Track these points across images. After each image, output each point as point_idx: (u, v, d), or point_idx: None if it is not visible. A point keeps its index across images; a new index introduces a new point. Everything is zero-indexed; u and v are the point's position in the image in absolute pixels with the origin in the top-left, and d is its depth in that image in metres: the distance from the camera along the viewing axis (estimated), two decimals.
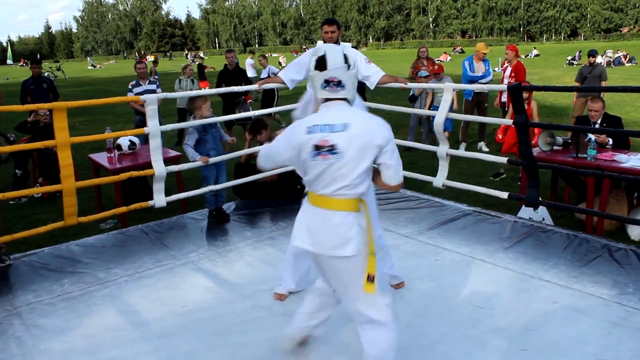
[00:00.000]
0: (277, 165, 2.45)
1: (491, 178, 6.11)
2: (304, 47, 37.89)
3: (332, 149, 2.06)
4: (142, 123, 7.09)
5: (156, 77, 15.21)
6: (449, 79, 6.09)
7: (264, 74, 9.14)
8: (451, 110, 4.85)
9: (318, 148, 2.07)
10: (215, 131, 4.74)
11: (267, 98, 9.98)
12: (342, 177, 2.08)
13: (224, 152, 4.88)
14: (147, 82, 7.31)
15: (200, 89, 9.99)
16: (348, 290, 2.22)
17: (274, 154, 2.34)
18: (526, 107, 6.30)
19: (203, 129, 4.61)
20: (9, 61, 61.89)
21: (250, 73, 15.57)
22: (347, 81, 2.15)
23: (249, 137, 5.35)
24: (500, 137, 6.41)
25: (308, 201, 2.20)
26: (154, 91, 7.10)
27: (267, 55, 15.62)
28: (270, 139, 5.30)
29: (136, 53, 34.88)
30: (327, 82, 2.15)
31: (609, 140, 4.76)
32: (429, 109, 7.64)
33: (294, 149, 2.17)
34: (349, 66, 2.16)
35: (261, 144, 5.29)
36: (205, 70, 16.63)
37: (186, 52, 66.21)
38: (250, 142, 5.39)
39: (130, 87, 7.30)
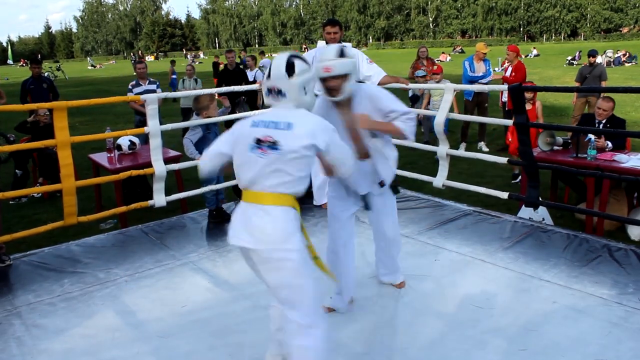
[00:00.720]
0: (213, 162, 2.40)
1: (512, 182, 6.11)
2: (304, 47, 37.86)
3: (273, 145, 2.10)
4: (142, 123, 7.09)
5: (174, 76, 15.38)
6: (448, 82, 6.11)
7: (250, 76, 8.86)
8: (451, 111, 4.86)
9: (259, 142, 2.12)
10: (218, 130, 4.76)
11: (252, 98, 9.91)
12: (281, 173, 2.11)
13: None
14: (147, 82, 7.31)
15: (202, 87, 9.98)
16: (282, 287, 2.18)
17: (213, 147, 2.38)
18: (530, 107, 6.32)
19: (206, 127, 4.62)
20: (9, 61, 61.93)
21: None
22: (288, 90, 2.18)
23: None
24: (510, 140, 6.41)
25: (243, 200, 2.20)
26: (154, 91, 7.10)
27: (268, 55, 15.72)
28: None
29: (132, 54, 34.87)
30: (270, 91, 2.22)
31: (607, 144, 4.75)
32: (425, 109, 7.65)
33: (234, 137, 2.25)
34: (291, 74, 2.18)
35: None
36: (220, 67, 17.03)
37: (185, 52, 66.27)
38: None
39: (130, 87, 7.30)
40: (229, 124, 8.33)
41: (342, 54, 2.63)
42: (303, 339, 2.18)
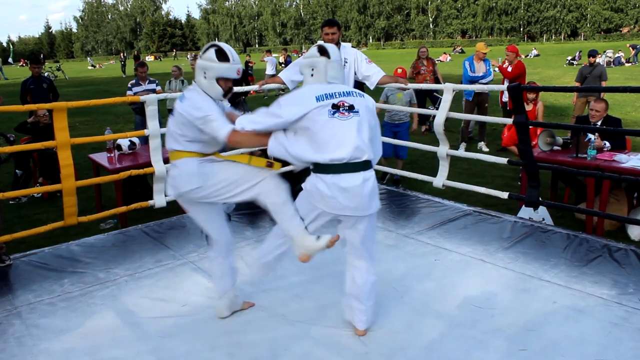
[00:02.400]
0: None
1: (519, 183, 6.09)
2: (301, 46, 37.78)
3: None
4: (143, 122, 7.11)
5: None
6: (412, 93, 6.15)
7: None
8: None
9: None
10: None
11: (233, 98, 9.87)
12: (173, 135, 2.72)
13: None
14: (147, 82, 7.31)
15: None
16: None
17: None
18: (531, 107, 6.32)
19: None
20: (9, 60, 61.90)
21: (269, 70, 16.10)
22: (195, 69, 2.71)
23: None
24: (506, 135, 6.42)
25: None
26: (153, 90, 7.10)
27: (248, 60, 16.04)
28: None
29: (122, 55, 34.61)
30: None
31: (605, 144, 4.75)
32: None
33: None
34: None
35: None
36: (251, 65, 17.61)
37: (175, 52, 66.28)
38: None
39: (129, 85, 7.30)
40: None
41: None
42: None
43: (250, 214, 4.92)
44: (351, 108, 2.49)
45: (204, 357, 2.71)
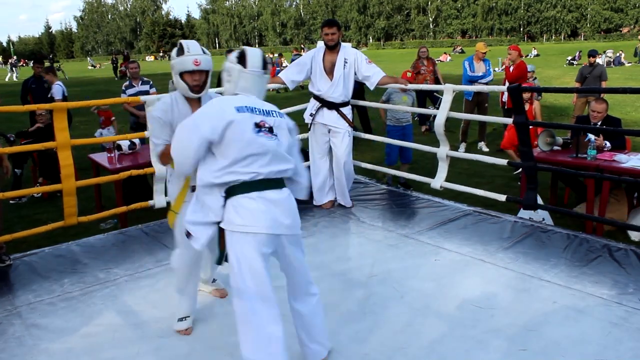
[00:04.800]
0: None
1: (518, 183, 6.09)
2: (302, 46, 37.63)
3: None
4: (137, 124, 7.10)
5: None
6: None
7: None
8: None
9: None
10: None
11: None
12: None
13: None
14: (140, 83, 7.23)
15: None
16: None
17: None
18: (528, 107, 6.31)
19: None
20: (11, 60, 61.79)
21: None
22: None
23: None
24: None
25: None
26: (147, 92, 7.02)
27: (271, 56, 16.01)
28: None
29: (113, 56, 34.43)
30: None
31: (605, 143, 4.75)
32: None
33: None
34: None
35: None
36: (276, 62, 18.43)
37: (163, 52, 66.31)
38: None
39: (123, 88, 7.22)
40: None
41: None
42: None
43: None
44: (271, 130, 2.26)
45: (204, 357, 2.72)
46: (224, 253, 2.29)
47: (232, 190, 2.21)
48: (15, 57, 42.55)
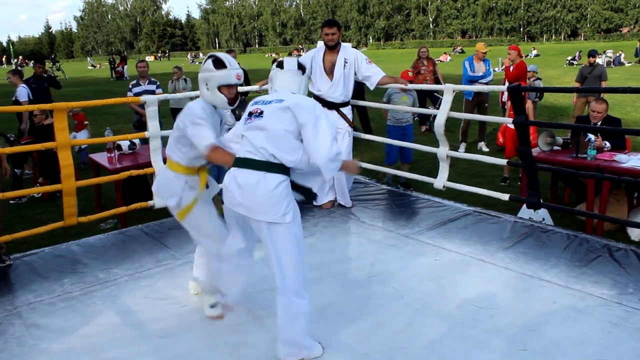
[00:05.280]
0: None
1: (501, 184, 6.08)
2: (300, 46, 37.57)
3: None
4: (141, 123, 7.12)
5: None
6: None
7: None
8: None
9: None
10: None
11: None
12: None
13: None
14: (146, 82, 7.32)
15: (192, 87, 9.94)
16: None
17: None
18: None
19: None
20: (12, 60, 61.85)
21: None
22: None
23: None
24: (501, 141, 6.40)
25: None
26: (153, 91, 7.09)
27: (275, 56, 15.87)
28: None
29: (111, 57, 34.28)
30: None
31: (605, 144, 4.75)
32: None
33: None
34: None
35: None
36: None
37: (168, 53, 66.17)
38: None
39: (130, 86, 7.32)
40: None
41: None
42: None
43: None
44: (260, 114, 2.52)
45: (204, 357, 2.71)
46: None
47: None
48: (21, 57, 42.54)
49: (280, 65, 2.74)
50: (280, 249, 2.44)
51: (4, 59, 58.84)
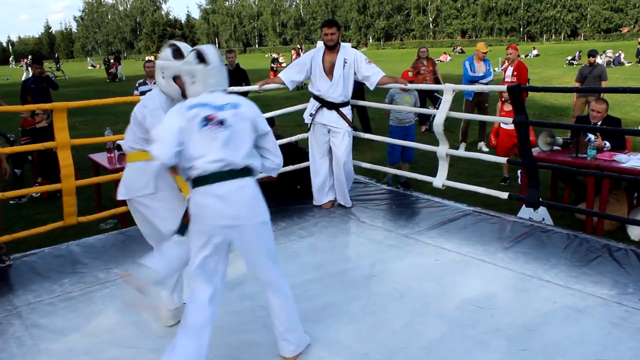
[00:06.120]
0: None
1: (501, 183, 6.07)
2: (298, 46, 37.46)
3: None
4: None
5: None
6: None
7: None
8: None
9: None
10: None
11: None
12: None
13: None
14: (153, 82, 7.34)
15: None
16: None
17: None
18: (510, 108, 6.29)
19: None
20: (11, 60, 61.87)
21: None
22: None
23: None
24: (494, 142, 6.40)
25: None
26: None
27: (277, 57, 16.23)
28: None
29: (106, 57, 34.18)
30: None
31: (605, 144, 4.75)
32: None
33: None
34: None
35: None
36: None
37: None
38: None
39: (137, 85, 7.38)
40: None
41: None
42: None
43: None
44: (221, 123, 2.34)
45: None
46: (186, 226, 2.46)
47: (192, 183, 2.39)
48: (30, 57, 42.59)
49: (202, 59, 2.43)
50: (269, 246, 2.51)
51: (10, 58, 59.07)
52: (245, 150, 2.41)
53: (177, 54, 2.70)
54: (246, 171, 2.41)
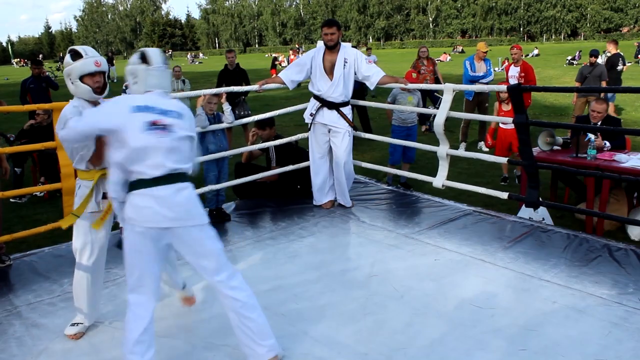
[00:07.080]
0: None
1: (501, 183, 6.06)
2: (297, 45, 37.42)
3: None
4: None
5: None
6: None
7: None
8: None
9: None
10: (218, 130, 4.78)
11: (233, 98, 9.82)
12: None
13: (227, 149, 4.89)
14: None
15: (191, 88, 9.96)
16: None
17: None
18: (509, 107, 6.30)
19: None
20: (12, 60, 61.91)
21: None
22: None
23: (258, 131, 5.32)
24: (490, 143, 6.39)
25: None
26: None
27: (277, 56, 16.22)
28: (269, 137, 5.31)
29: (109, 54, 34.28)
30: None
31: (605, 143, 4.75)
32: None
33: None
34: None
35: (264, 140, 5.30)
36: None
37: (170, 52, 65.98)
38: (254, 137, 5.37)
39: (124, 87, 7.32)
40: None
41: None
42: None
43: (249, 214, 4.92)
44: (165, 128, 2.35)
45: (204, 357, 2.71)
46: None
47: (130, 186, 2.37)
48: (40, 56, 42.73)
49: (145, 59, 2.46)
50: (215, 244, 2.50)
51: (15, 61, 59.14)
52: (185, 155, 2.45)
53: (77, 56, 2.71)
54: (184, 176, 2.44)
